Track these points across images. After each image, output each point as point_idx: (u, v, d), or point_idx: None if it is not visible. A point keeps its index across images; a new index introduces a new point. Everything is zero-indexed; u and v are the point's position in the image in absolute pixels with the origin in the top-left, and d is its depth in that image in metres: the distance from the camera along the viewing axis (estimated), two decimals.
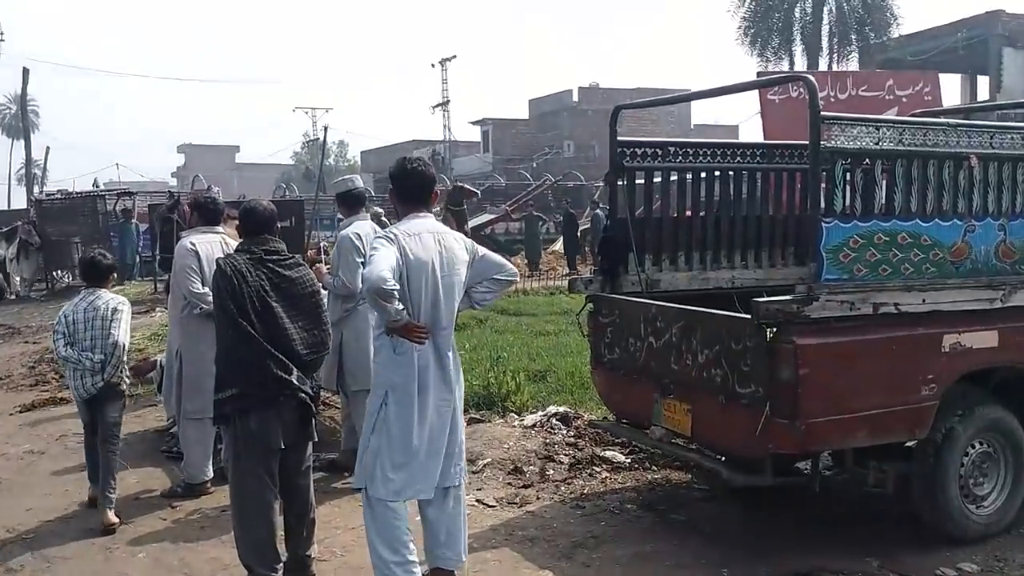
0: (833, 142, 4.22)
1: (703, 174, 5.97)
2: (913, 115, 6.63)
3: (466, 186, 22.01)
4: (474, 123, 54.82)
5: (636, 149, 5.71)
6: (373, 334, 5.51)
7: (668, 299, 5.29)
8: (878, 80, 10.02)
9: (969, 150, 4.59)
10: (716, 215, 6.06)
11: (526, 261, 21.32)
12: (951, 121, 4.69)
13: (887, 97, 9.85)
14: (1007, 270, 4.74)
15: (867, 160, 4.41)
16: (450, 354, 4.04)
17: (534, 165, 46.35)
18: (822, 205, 4.25)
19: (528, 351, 9.60)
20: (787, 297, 4.25)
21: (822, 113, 4.17)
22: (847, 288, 4.27)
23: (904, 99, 9.75)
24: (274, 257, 4.31)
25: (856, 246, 4.31)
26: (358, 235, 5.69)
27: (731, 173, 6.02)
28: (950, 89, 34.35)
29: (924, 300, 4.46)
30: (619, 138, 5.68)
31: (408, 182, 4.08)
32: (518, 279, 4.30)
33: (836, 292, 4.24)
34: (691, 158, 5.85)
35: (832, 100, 9.36)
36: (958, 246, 4.60)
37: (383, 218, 8.65)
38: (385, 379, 4.04)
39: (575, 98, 50.75)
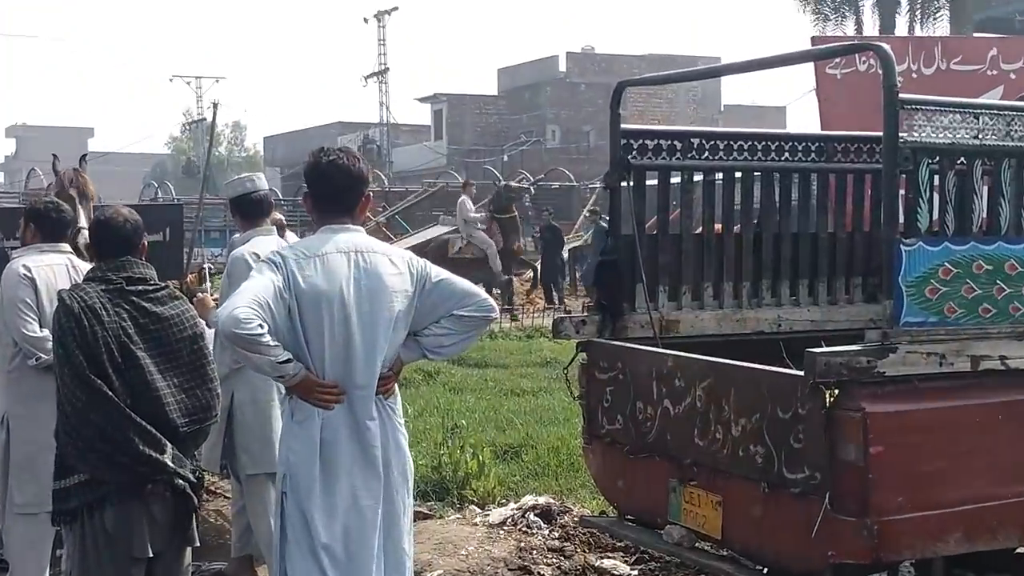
0: (916, 134, 4.29)
1: (738, 175, 6.04)
2: (1021, 98, 6.74)
3: (513, 183, 22.10)
4: (423, 100, 55.17)
5: (647, 141, 5.78)
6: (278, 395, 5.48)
7: (690, 348, 5.33)
8: (978, 48, 10.17)
9: None
10: (756, 232, 6.12)
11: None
12: None
13: (990, 72, 10.00)
14: None
15: (963, 160, 4.48)
16: (373, 423, 4.03)
17: (505, 159, 46.73)
18: (901, 221, 4.30)
19: (496, 418, 9.65)
20: (854, 347, 4.29)
21: (901, 95, 4.24)
22: (936, 335, 4.33)
23: (1013, 74, 9.91)
24: (139, 287, 4.29)
25: (948, 277, 4.36)
26: (257, 255, 5.67)
27: (776, 175, 6.10)
28: None
29: None
30: (623, 126, 5.74)
31: (324, 182, 4.09)
32: (496, 316, 4.32)
33: (920, 341, 4.30)
34: (721, 153, 5.92)
35: (914, 76, 9.51)
36: None
37: (288, 230, 8.63)
38: (283, 457, 4.05)
39: (562, 68, 51.40)
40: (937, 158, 4.41)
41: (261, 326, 3.75)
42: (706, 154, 5.90)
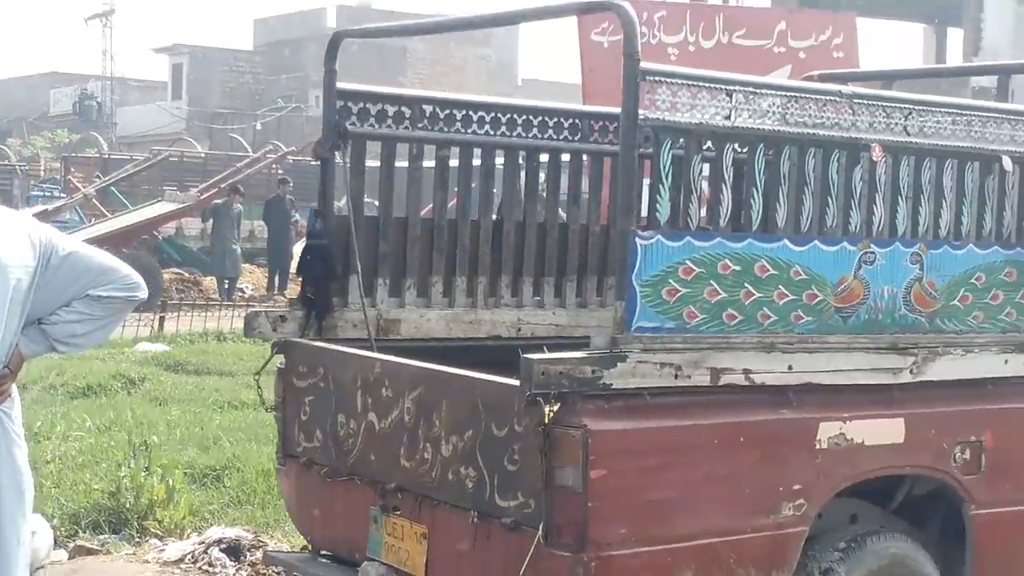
0: (659, 112, 4.38)
1: (478, 151, 6.09)
2: (806, 79, 7.02)
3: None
4: (160, 51, 53.93)
5: (369, 105, 5.79)
6: None
7: (413, 353, 5.34)
8: (765, 21, 10.43)
9: (872, 136, 4.88)
10: (497, 220, 6.19)
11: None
12: (846, 90, 4.99)
13: (777, 49, 10.32)
14: (923, 325, 5.06)
15: (711, 143, 4.60)
16: None
17: (258, 126, 46.02)
18: (637, 211, 4.42)
19: (201, 435, 9.53)
20: (576, 354, 4.34)
21: (642, 64, 4.33)
22: (672, 343, 4.42)
23: (802, 53, 10.24)
24: None
25: (689, 277, 4.47)
26: None
27: (522, 153, 6.18)
28: (911, 45, 36.76)
29: (791, 367, 4.67)
30: (341, 85, 5.73)
31: None
32: (143, 295, 4.22)
33: (654, 349, 4.39)
34: (459, 125, 5.97)
35: (691, 49, 9.72)
36: (848, 284, 4.84)
37: None
38: None
39: (331, 23, 50.91)
40: (681, 140, 4.50)
41: None
42: (440, 125, 5.93)
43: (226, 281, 22.14)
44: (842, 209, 4.88)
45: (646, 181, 4.59)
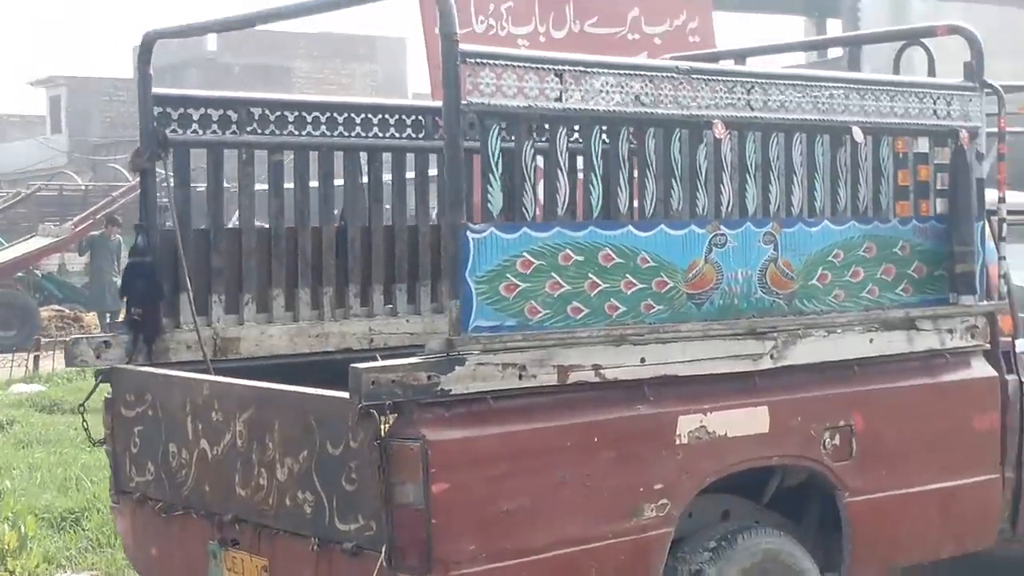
0: (483, 97, 4.18)
1: (315, 154, 5.87)
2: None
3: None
4: (36, 84, 53.02)
5: (190, 110, 5.56)
6: None
7: (254, 372, 5.12)
8: (616, 7, 10.29)
9: (714, 112, 4.71)
10: (341, 226, 5.96)
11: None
12: (683, 65, 4.81)
13: (632, 36, 10.22)
14: (781, 308, 4.91)
15: (545, 128, 4.43)
16: None
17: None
18: (468, 204, 4.22)
19: (64, 477, 9.31)
20: (410, 360, 4.16)
21: (462, 46, 4.11)
22: (514, 342, 4.23)
23: (657, 39, 10.14)
24: None
25: (528, 271, 4.29)
26: None
27: (364, 154, 5.99)
28: (793, 37, 37.30)
29: (644, 359, 4.51)
30: (157, 90, 5.49)
31: None
32: None
33: (495, 349, 4.20)
34: (292, 127, 5.75)
35: (542, 40, 9.55)
36: (700, 269, 4.68)
37: None
38: None
39: (212, 46, 50.40)
40: (508, 126, 4.34)
41: None
42: (271, 128, 5.71)
43: (108, 315, 21.54)
44: (688, 191, 4.73)
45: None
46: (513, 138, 4.35)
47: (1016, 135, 6.43)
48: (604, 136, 4.54)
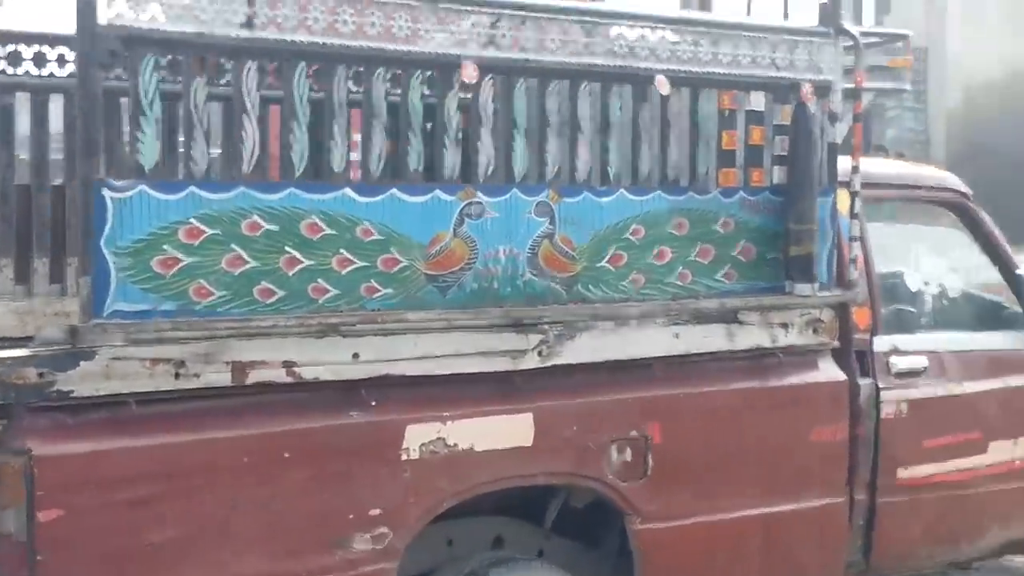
0: (131, 20, 3.35)
1: None
2: None
3: None
4: None
5: None
6: None
7: None
8: None
9: (468, 51, 3.87)
10: None
11: None
12: None
13: None
14: (558, 294, 4.11)
15: (227, 59, 3.74)
16: None
17: None
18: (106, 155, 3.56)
19: None
20: (16, 352, 3.37)
21: None
22: (173, 331, 3.45)
23: None
24: None
25: (197, 242, 3.49)
26: None
27: None
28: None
29: (357, 355, 3.73)
30: None
31: None
32: None
33: (143, 341, 3.41)
34: None
35: None
36: (445, 245, 3.89)
37: None
38: None
39: None
40: (169, 54, 3.72)
41: None
42: None
43: None
44: (432, 146, 3.90)
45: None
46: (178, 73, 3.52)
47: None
48: (312, 77, 3.72)
